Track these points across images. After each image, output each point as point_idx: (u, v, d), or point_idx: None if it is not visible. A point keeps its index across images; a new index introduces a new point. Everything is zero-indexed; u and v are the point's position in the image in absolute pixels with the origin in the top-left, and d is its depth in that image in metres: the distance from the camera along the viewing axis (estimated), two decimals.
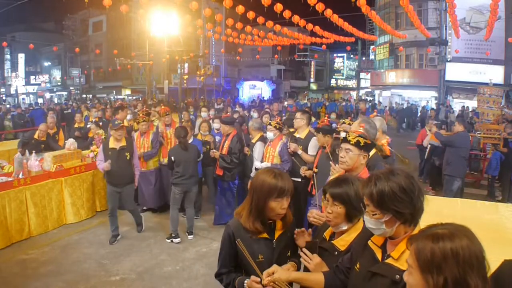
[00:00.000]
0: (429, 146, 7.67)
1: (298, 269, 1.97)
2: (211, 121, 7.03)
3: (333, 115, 9.39)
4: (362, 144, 2.40)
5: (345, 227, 1.81)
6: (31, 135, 6.94)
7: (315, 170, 4.09)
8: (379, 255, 1.51)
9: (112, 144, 4.84)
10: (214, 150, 5.58)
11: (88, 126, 7.74)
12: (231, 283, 1.89)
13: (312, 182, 4.09)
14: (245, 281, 1.82)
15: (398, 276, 1.34)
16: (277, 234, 1.92)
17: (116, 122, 4.95)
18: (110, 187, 4.93)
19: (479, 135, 8.48)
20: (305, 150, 4.90)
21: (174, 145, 5.30)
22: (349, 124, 5.12)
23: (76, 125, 8.01)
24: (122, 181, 4.91)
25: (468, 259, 1.04)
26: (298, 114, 5.16)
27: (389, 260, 1.44)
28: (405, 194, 1.37)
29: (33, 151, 5.63)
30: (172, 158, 4.96)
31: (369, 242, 1.57)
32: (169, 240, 5.02)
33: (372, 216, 1.43)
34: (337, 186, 1.82)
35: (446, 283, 1.03)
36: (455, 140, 6.17)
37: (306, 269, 1.95)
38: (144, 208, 6.22)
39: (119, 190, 4.92)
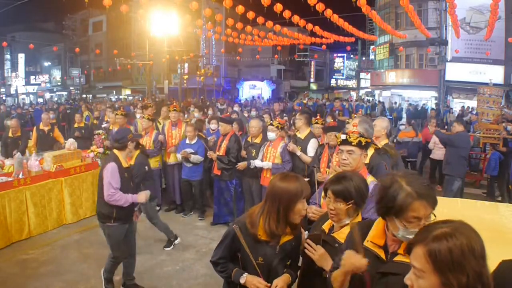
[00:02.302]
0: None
1: (293, 282, 2.03)
2: (206, 122, 7.04)
3: (328, 119, 9.15)
4: (363, 144, 2.40)
5: (347, 222, 1.90)
6: (5, 136, 6.83)
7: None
8: (382, 255, 1.51)
9: (124, 162, 3.56)
10: (211, 152, 5.50)
11: (102, 126, 7.77)
12: (226, 271, 1.98)
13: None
14: (244, 275, 1.91)
15: None
16: (283, 240, 1.95)
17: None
18: (121, 227, 3.52)
19: (478, 134, 8.47)
20: (304, 150, 4.89)
21: (138, 155, 4.27)
22: (322, 123, 5.18)
23: (76, 125, 7.98)
24: (132, 213, 3.68)
25: (481, 251, 1.05)
26: (297, 115, 5.17)
27: (398, 258, 1.45)
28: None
29: (16, 150, 5.65)
30: (146, 168, 4.35)
31: (367, 244, 1.56)
32: (170, 248, 4.76)
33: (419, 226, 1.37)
34: (338, 183, 1.88)
35: (468, 280, 1.02)
36: (455, 140, 6.16)
37: (307, 268, 1.97)
38: None
39: (128, 227, 3.64)
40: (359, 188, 1.85)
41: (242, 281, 1.92)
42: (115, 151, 3.55)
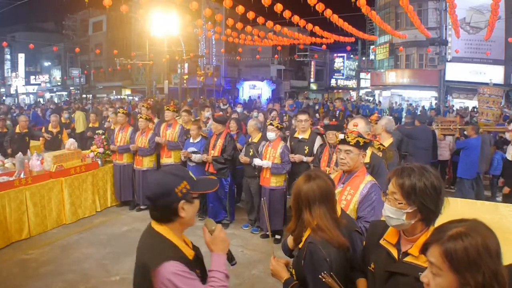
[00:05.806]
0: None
1: None
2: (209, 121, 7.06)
3: (326, 120, 9.12)
4: (361, 144, 2.42)
5: None
6: (12, 131, 6.88)
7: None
8: (395, 254, 1.51)
9: (185, 247, 1.66)
10: (205, 155, 5.42)
11: (104, 126, 7.77)
12: None
13: None
14: None
15: (421, 273, 1.36)
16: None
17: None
18: None
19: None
20: (311, 149, 4.95)
21: None
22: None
23: (90, 125, 8.00)
24: None
25: (496, 250, 1.05)
26: (306, 116, 5.13)
27: (408, 258, 1.44)
28: (434, 190, 1.42)
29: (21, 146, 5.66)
30: None
31: (382, 242, 1.56)
32: None
33: (398, 205, 1.44)
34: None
35: (484, 278, 1.03)
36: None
37: None
38: (142, 207, 6.22)
39: None
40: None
41: None
42: (156, 226, 1.58)
